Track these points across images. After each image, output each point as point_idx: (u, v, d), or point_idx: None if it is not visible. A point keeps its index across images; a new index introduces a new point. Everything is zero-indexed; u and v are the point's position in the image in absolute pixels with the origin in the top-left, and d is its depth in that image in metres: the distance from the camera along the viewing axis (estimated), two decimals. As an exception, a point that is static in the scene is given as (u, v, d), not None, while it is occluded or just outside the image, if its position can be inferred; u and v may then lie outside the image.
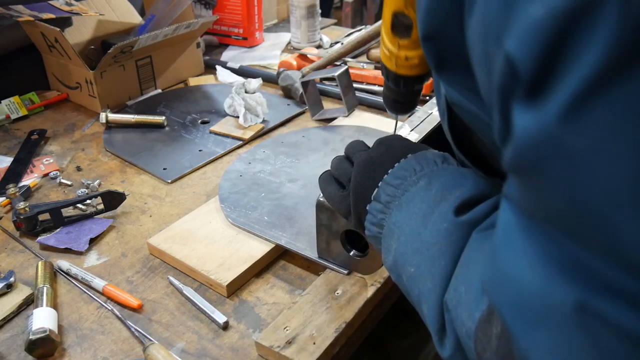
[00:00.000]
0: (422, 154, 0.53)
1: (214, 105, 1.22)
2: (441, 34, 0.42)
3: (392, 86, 0.63)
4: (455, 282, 0.43)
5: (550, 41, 0.27)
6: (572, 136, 0.27)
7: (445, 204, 0.47)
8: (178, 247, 0.78)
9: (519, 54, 0.28)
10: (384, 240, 0.53)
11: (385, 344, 1.10)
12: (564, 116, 0.27)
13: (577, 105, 0.26)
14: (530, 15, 0.28)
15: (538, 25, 0.27)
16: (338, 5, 3.24)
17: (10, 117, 1.16)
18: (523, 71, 0.29)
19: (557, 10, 0.26)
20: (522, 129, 0.30)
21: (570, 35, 0.26)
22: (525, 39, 0.28)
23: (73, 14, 1.16)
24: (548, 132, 0.28)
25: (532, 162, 0.30)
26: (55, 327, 0.66)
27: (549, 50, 0.27)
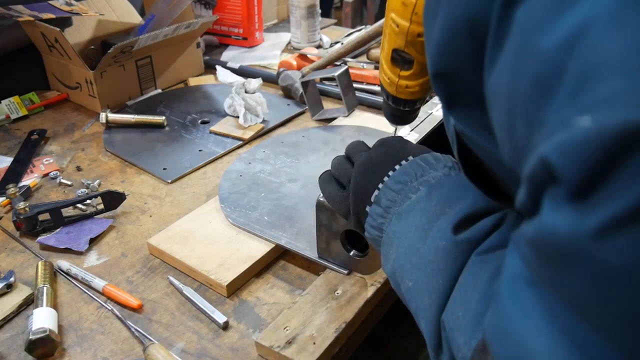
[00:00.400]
0: (423, 158, 0.53)
1: (214, 105, 1.22)
2: (454, 73, 0.40)
3: (392, 105, 0.63)
4: (453, 304, 0.43)
5: (599, 160, 0.25)
6: (604, 252, 0.26)
7: (444, 219, 0.46)
8: (178, 247, 0.78)
9: (561, 164, 0.27)
10: (383, 248, 0.53)
11: (385, 344, 1.10)
12: (600, 232, 0.26)
13: (616, 226, 0.26)
14: (576, 126, 0.26)
15: (587, 142, 0.25)
16: (338, 5, 3.24)
17: (10, 117, 1.16)
18: (565, 181, 0.27)
19: (610, 131, 0.24)
20: (553, 225, 0.28)
21: (624, 158, 0.25)
22: (570, 152, 0.26)
23: (73, 14, 1.16)
24: (580, 240, 0.27)
25: (556, 257, 0.29)
26: (55, 327, 0.66)
27: (597, 168, 0.25)
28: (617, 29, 0.25)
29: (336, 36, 1.60)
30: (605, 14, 0.25)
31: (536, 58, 0.28)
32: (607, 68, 0.25)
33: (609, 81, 0.24)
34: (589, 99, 0.25)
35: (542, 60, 0.28)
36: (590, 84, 0.25)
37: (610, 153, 0.25)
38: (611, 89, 0.24)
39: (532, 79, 0.29)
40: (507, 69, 0.32)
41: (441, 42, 0.39)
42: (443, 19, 0.39)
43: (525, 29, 0.30)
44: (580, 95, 0.26)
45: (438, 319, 0.44)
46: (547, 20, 0.28)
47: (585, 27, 0.26)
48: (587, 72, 0.25)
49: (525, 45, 0.30)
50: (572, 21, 0.26)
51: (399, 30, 0.54)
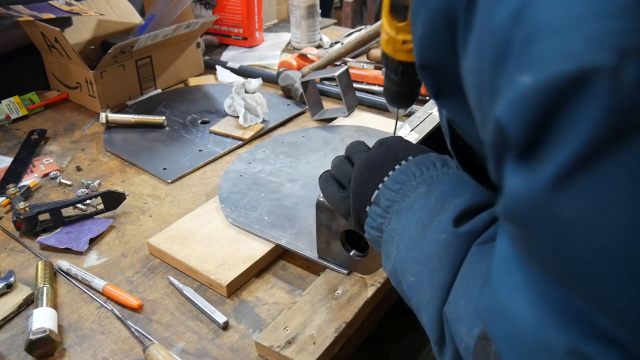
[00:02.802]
0: (422, 158, 0.53)
1: (214, 105, 1.22)
2: (437, 64, 0.43)
3: (392, 75, 0.63)
4: (455, 295, 0.43)
5: (539, 112, 0.27)
6: (561, 204, 0.28)
7: (444, 214, 0.47)
8: (178, 247, 0.78)
9: (509, 122, 0.29)
10: (384, 246, 0.53)
11: (385, 344, 1.10)
12: (553, 186, 0.28)
13: (566, 176, 0.27)
14: (519, 84, 0.28)
15: (528, 96, 0.28)
16: (338, 5, 3.24)
17: (10, 117, 1.16)
18: (513, 139, 0.29)
19: (547, 82, 0.27)
20: (513, 190, 0.30)
21: (560, 108, 0.27)
22: (515, 108, 0.28)
23: (73, 14, 1.16)
24: (537, 198, 0.29)
25: (521, 221, 0.31)
26: (55, 327, 0.66)
27: (538, 121, 0.28)
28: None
29: (336, 36, 1.60)
30: None
31: (492, 34, 0.31)
32: (544, 30, 0.27)
33: (545, 40, 0.27)
34: (529, 59, 0.28)
35: (496, 35, 0.30)
36: (531, 46, 0.28)
37: (548, 104, 0.27)
38: (546, 47, 0.27)
39: (490, 54, 0.31)
40: (474, 50, 0.34)
41: (423, 36, 0.42)
42: (423, 14, 0.41)
43: (484, 11, 0.32)
44: (523, 57, 0.28)
45: (440, 312, 0.44)
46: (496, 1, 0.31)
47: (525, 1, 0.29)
48: (529, 36, 0.28)
49: (484, 25, 0.32)
50: None
51: None
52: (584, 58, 0.25)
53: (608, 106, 0.25)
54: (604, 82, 0.25)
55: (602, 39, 0.25)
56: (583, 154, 0.26)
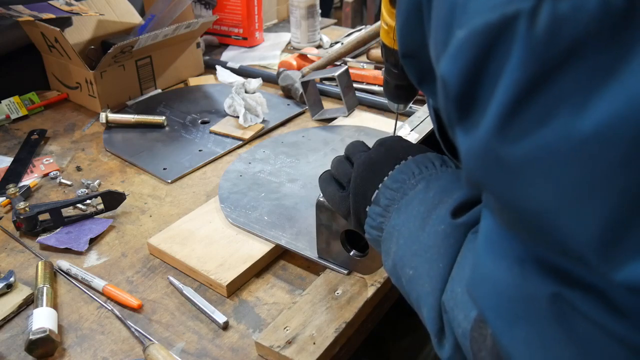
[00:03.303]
0: (421, 157, 0.53)
1: (214, 105, 1.22)
2: (416, 52, 0.45)
3: (391, 68, 0.63)
4: (452, 283, 0.43)
5: (471, 60, 0.29)
6: (506, 149, 0.29)
7: (442, 207, 0.47)
8: (178, 247, 0.78)
9: (447, 74, 0.31)
10: (384, 244, 0.53)
11: (385, 344, 1.10)
12: (494, 133, 0.29)
13: (504, 119, 0.29)
14: (456, 37, 0.30)
15: (461, 46, 0.30)
16: (338, 5, 3.24)
17: (10, 117, 1.16)
18: (451, 90, 0.31)
19: (476, 31, 0.29)
20: (464, 150, 0.32)
21: (489, 55, 0.28)
22: (451, 59, 0.30)
23: (73, 14, 1.16)
24: (485, 150, 0.30)
25: (478, 178, 0.32)
26: (55, 327, 0.66)
27: (471, 69, 0.29)
28: None
29: (336, 36, 1.60)
30: None
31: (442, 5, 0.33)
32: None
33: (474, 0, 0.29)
34: (465, 15, 0.30)
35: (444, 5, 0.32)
36: (467, 5, 0.30)
37: (478, 52, 0.29)
38: (477, 3, 0.29)
39: (442, 24, 0.33)
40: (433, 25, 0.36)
41: (401, 25, 0.44)
42: (401, 5, 0.43)
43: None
44: (461, 16, 0.30)
45: (439, 302, 0.44)
46: None
47: None
48: None
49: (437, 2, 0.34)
50: None
51: None
52: (506, 6, 0.27)
53: (528, 47, 0.27)
54: (523, 25, 0.27)
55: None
56: (515, 95, 0.28)
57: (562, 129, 0.27)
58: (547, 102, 0.27)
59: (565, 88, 0.27)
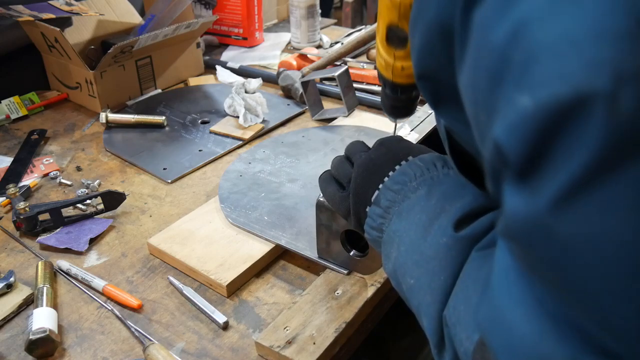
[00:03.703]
0: (422, 158, 0.53)
1: (214, 105, 1.22)
2: (435, 75, 0.43)
3: (389, 93, 0.64)
4: (455, 299, 0.43)
5: (539, 136, 0.28)
6: (562, 225, 0.28)
7: (445, 217, 0.47)
8: (178, 247, 0.78)
9: (508, 144, 0.29)
10: (384, 247, 0.53)
11: (385, 344, 1.10)
12: (553, 207, 0.28)
13: (566, 198, 0.28)
14: (519, 106, 0.28)
15: (527, 118, 0.28)
16: (338, 5, 3.24)
17: (10, 117, 1.16)
18: (512, 160, 0.30)
19: (546, 106, 0.27)
20: (512, 209, 0.31)
21: (559, 131, 0.27)
22: (513, 131, 0.29)
23: (73, 14, 1.16)
24: (538, 218, 0.29)
25: (522, 240, 0.32)
26: (55, 327, 0.66)
27: (537, 143, 0.28)
28: (552, 18, 0.28)
29: (336, 36, 1.60)
30: (539, 8, 0.28)
31: (489, 52, 0.31)
32: (543, 53, 0.28)
33: (544, 64, 0.27)
34: (528, 80, 0.28)
35: (493, 53, 0.31)
36: (530, 68, 0.28)
37: (547, 127, 0.27)
38: (545, 70, 0.27)
39: (487, 72, 0.32)
40: (470, 65, 0.34)
41: (421, 46, 0.42)
42: (421, 25, 0.42)
43: (480, 28, 0.33)
44: (522, 79, 0.29)
45: (440, 315, 0.44)
46: (496, 17, 0.31)
47: (526, 19, 0.29)
48: (528, 58, 0.28)
49: (481, 42, 0.32)
50: (516, 16, 0.29)
51: (392, 5, 0.56)
52: (582, 83, 0.26)
53: (606, 131, 0.26)
54: (602, 107, 0.25)
55: (599, 65, 0.25)
56: (582, 177, 0.27)
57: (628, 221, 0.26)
58: (616, 188, 0.26)
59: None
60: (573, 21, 0.27)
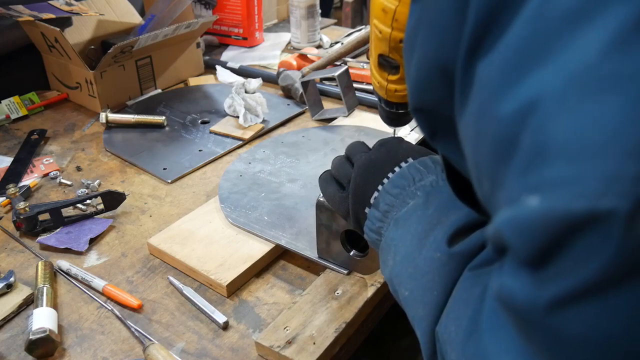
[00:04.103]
0: (422, 161, 0.53)
1: (214, 105, 1.22)
2: (432, 109, 0.41)
3: (385, 107, 0.64)
4: (446, 318, 0.43)
5: (545, 240, 0.26)
6: (557, 322, 0.27)
7: (440, 229, 0.47)
8: (178, 247, 0.78)
9: (512, 237, 0.28)
10: (382, 253, 0.53)
11: (385, 344, 1.10)
12: (551, 306, 0.27)
13: (566, 302, 0.27)
14: (526, 205, 0.27)
15: (535, 222, 0.26)
16: (338, 5, 3.24)
17: (10, 117, 1.16)
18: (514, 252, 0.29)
19: (557, 215, 0.25)
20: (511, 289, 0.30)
21: (568, 241, 0.26)
22: (519, 228, 0.27)
23: (73, 14, 1.16)
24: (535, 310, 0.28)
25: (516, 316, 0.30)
26: (55, 327, 0.66)
27: (543, 248, 0.27)
28: (563, 112, 0.25)
29: (336, 36, 1.60)
30: (553, 93, 0.26)
31: (494, 123, 0.29)
32: (553, 150, 0.25)
33: (554, 165, 0.25)
34: (537, 178, 0.26)
35: (499, 126, 0.29)
36: (538, 163, 0.26)
37: (554, 236, 0.26)
38: (556, 173, 0.25)
39: (491, 142, 0.30)
40: (472, 124, 0.32)
41: (418, 81, 0.40)
42: (418, 58, 0.39)
43: (484, 89, 0.31)
44: (529, 171, 0.27)
45: (433, 329, 0.44)
46: (503, 86, 0.29)
47: (535, 102, 0.27)
48: (536, 149, 0.26)
49: (485, 107, 0.30)
50: (525, 93, 0.27)
51: (382, 37, 0.55)
52: (597, 200, 0.24)
53: (619, 249, 0.24)
54: (617, 227, 0.24)
55: (617, 181, 0.24)
56: (587, 287, 0.26)
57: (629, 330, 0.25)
58: (622, 300, 0.25)
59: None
60: (591, 122, 0.24)
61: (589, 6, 0.26)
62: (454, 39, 0.34)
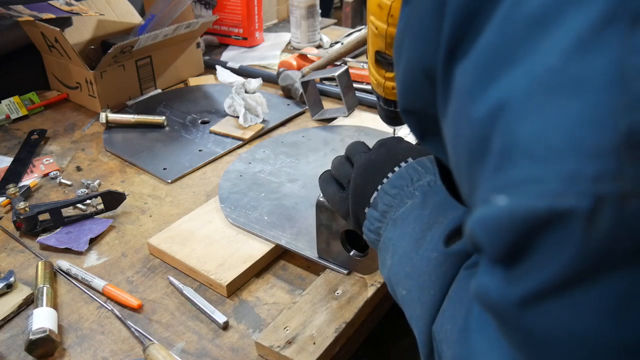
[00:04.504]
0: (421, 161, 0.53)
1: (214, 105, 1.22)
2: (420, 110, 0.42)
3: (384, 106, 0.64)
4: (442, 317, 0.43)
5: (511, 239, 0.27)
6: (528, 320, 0.28)
7: (437, 229, 0.47)
8: (178, 247, 0.78)
9: (480, 237, 0.29)
10: (380, 253, 0.53)
11: (385, 344, 1.10)
12: (521, 304, 0.28)
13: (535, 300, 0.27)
14: (493, 204, 0.27)
15: (500, 221, 0.27)
16: (338, 5, 3.24)
17: (10, 117, 1.16)
18: (484, 252, 0.30)
19: (520, 213, 0.26)
20: (484, 286, 0.31)
21: (533, 240, 0.26)
22: (486, 227, 0.28)
23: (73, 14, 1.16)
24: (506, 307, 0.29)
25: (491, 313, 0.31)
26: (55, 327, 0.66)
27: (509, 247, 0.27)
28: (528, 113, 0.26)
29: (336, 36, 1.60)
30: (519, 95, 0.27)
31: (469, 125, 0.30)
32: (519, 151, 0.26)
33: (519, 165, 0.26)
34: (504, 178, 0.27)
35: (473, 129, 0.30)
36: (506, 165, 0.27)
37: (521, 234, 0.27)
38: (521, 173, 0.26)
39: (467, 144, 0.31)
40: (451, 126, 0.33)
41: (405, 83, 0.41)
42: (405, 62, 0.40)
43: (460, 92, 0.31)
44: (498, 172, 0.28)
45: (430, 329, 0.44)
46: (476, 90, 0.30)
47: (504, 104, 0.28)
48: (504, 151, 0.27)
49: (461, 109, 0.31)
50: (495, 96, 0.28)
51: (378, 33, 0.55)
52: (558, 199, 0.25)
53: (580, 247, 0.25)
54: (578, 225, 0.25)
55: (577, 181, 0.24)
56: (553, 285, 0.26)
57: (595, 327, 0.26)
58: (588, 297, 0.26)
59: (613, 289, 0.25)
60: (555, 125, 0.25)
61: (553, 10, 0.27)
62: (435, 43, 0.35)
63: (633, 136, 0.23)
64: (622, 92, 0.24)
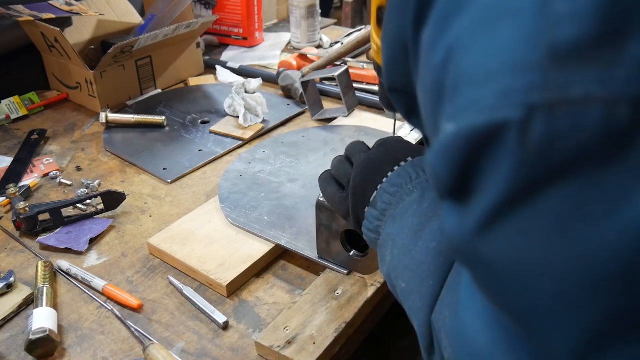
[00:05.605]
0: (419, 160, 0.53)
1: (214, 105, 1.22)
2: (404, 87, 0.44)
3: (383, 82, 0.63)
4: (441, 304, 0.43)
5: (459, 162, 0.29)
6: (486, 248, 0.29)
7: (435, 221, 0.47)
8: (178, 247, 0.78)
9: (435, 167, 0.31)
10: (379, 250, 0.53)
11: (385, 344, 1.10)
12: (477, 231, 0.29)
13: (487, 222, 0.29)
14: (443, 132, 0.29)
15: (448, 145, 0.29)
16: (338, 5, 3.24)
17: (10, 117, 1.16)
18: (440, 183, 0.31)
19: (464, 133, 0.28)
20: (447, 227, 0.32)
21: (478, 158, 0.28)
22: (438, 155, 0.30)
23: (73, 14, 1.16)
24: (466, 240, 0.30)
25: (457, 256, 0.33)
26: (55, 327, 0.66)
27: (458, 169, 0.29)
28: (471, 46, 0.29)
29: (336, 36, 1.60)
30: (465, 34, 0.29)
31: (430, 73, 0.32)
32: (464, 81, 0.28)
33: (464, 92, 0.28)
34: (453, 108, 0.29)
35: (432, 75, 0.32)
36: (455, 96, 0.29)
37: (466, 154, 0.28)
38: (465, 99, 0.28)
39: (429, 93, 0.33)
40: (420, 84, 0.35)
41: (387, 61, 0.43)
42: (385, 40, 0.42)
43: (425, 46, 0.33)
44: (449, 105, 0.30)
45: (429, 319, 0.45)
46: (435, 38, 0.32)
47: (454, 45, 0.30)
48: (454, 84, 0.29)
49: (425, 62, 0.33)
50: (448, 40, 0.30)
51: None
52: (495, 112, 0.26)
53: (518, 159, 0.26)
54: (514, 136, 0.26)
55: (511, 95, 0.26)
56: (500, 202, 0.28)
57: (544, 246, 0.27)
58: (532, 214, 0.27)
59: (553, 204, 0.26)
60: (491, 51, 0.27)
61: None
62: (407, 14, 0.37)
63: (556, 49, 0.25)
64: (545, 13, 0.26)
